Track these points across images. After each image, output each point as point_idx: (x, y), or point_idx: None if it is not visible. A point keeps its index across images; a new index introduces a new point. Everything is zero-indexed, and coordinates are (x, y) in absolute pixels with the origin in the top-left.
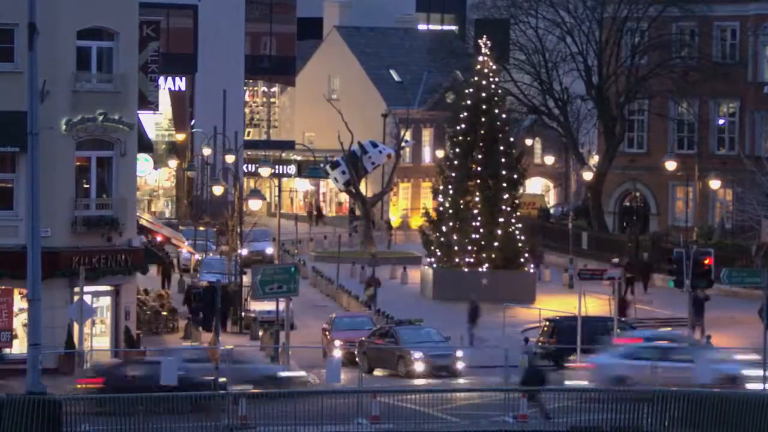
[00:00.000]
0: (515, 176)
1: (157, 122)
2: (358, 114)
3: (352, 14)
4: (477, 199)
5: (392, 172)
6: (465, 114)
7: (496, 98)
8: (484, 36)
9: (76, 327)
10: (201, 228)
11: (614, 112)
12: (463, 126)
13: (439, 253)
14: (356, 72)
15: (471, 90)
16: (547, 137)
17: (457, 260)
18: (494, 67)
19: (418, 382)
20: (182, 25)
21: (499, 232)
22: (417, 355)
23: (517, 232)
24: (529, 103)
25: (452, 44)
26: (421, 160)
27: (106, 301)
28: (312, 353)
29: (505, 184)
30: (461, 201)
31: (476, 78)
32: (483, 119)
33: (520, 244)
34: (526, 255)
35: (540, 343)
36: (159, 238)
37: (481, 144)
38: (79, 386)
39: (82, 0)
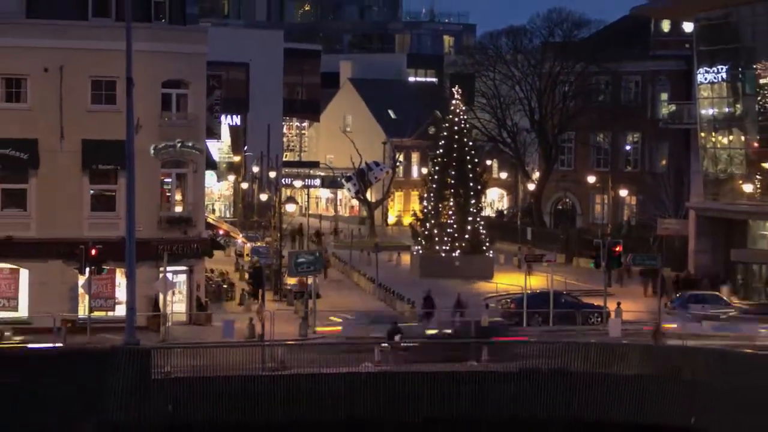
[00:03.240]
0: (479, 187)
1: (219, 148)
2: (365, 142)
3: (360, 70)
4: (451, 203)
5: (390, 184)
6: (443, 142)
7: (465, 130)
8: (456, 86)
9: (161, 296)
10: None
11: (550, 140)
12: (441, 150)
13: (423, 243)
14: (364, 111)
15: (447, 125)
16: (501, 159)
17: (437, 248)
18: (463, 108)
19: None
20: (238, 78)
21: (468, 227)
22: None
23: (480, 227)
24: (488, 134)
25: (433, 92)
26: (410, 175)
27: (182, 278)
28: (332, 315)
29: (472, 193)
30: (440, 205)
31: (451, 116)
32: (456, 146)
33: (482, 236)
34: (488, 244)
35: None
36: (221, 232)
37: (454, 164)
38: None
39: (165, 60)
